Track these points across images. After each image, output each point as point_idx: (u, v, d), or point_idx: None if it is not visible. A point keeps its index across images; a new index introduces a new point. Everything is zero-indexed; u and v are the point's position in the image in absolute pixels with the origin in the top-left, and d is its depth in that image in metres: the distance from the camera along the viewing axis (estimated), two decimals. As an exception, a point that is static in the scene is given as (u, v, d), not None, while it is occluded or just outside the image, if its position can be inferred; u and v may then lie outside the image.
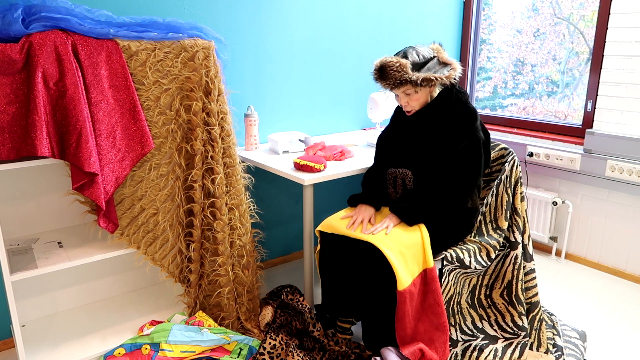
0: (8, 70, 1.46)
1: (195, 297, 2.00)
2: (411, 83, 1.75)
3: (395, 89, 1.80)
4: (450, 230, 1.89)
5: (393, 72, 1.74)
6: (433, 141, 1.83)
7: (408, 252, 1.71)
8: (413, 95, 1.80)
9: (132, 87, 1.68)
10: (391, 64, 1.74)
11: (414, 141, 1.89)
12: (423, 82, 1.75)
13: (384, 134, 2.05)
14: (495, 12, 3.31)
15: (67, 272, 2.06)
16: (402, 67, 1.73)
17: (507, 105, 3.36)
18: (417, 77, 1.74)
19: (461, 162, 1.78)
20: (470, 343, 1.90)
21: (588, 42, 2.88)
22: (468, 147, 1.78)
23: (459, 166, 1.78)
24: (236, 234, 1.99)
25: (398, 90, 1.81)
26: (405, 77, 1.73)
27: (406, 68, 1.73)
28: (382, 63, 1.77)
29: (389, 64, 1.74)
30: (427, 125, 1.86)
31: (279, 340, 1.89)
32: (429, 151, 1.83)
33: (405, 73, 1.73)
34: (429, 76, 1.75)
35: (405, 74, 1.73)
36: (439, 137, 1.82)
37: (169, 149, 1.83)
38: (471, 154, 1.79)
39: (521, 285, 1.94)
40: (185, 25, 1.79)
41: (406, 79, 1.74)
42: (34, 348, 1.83)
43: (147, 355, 1.72)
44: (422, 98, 1.82)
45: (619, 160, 2.52)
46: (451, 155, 1.78)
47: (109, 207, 1.71)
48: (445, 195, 1.78)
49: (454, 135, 1.79)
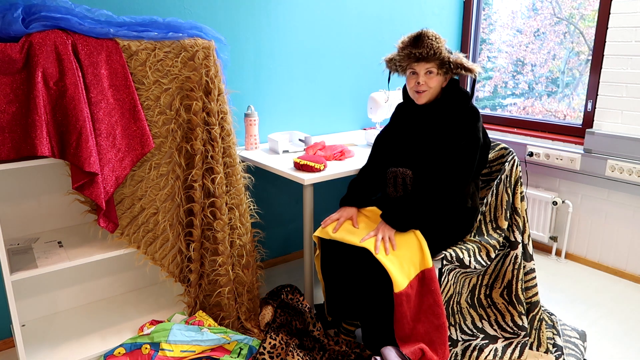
0: (8, 70, 1.46)
1: (195, 297, 2.00)
2: (441, 60, 1.76)
3: (422, 61, 1.77)
4: (449, 230, 1.89)
5: (430, 42, 1.74)
6: (435, 140, 1.83)
7: (403, 254, 1.71)
8: (433, 77, 1.79)
9: (132, 87, 1.68)
10: (430, 34, 1.76)
11: (415, 140, 1.89)
12: (452, 64, 1.76)
13: (382, 134, 2.05)
14: (496, 12, 3.31)
15: (67, 272, 2.06)
16: (439, 40, 1.76)
17: (507, 105, 3.36)
18: (449, 57, 1.77)
19: (456, 159, 1.76)
20: (470, 343, 1.90)
21: (588, 42, 2.88)
22: (466, 145, 1.78)
23: (453, 163, 1.76)
24: (236, 234, 1.99)
25: (424, 64, 1.78)
26: (441, 49, 1.76)
27: (443, 43, 1.77)
28: (421, 31, 1.77)
29: (427, 33, 1.76)
30: (429, 124, 1.86)
31: (279, 340, 1.89)
32: (430, 150, 1.83)
33: (442, 46, 1.76)
34: (459, 60, 1.77)
35: (442, 46, 1.76)
36: (441, 135, 1.82)
37: (169, 148, 1.83)
38: (467, 152, 1.78)
39: (521, 285, 1.94)
40: (185, 24, 1.79)
41: (440, 52, 1.75)
42: (34, 348, 1.83)
43: (147, 355, 1.72)
44: (436, 83, 1.81)
45: (619, 160, 2.52)
46: (449, 151, 1.78)
47: (109, 206, 1.72)
48: (435, 192, 1.76)
49: (455, 132, 1.79)
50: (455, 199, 1.86)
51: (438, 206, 1.77)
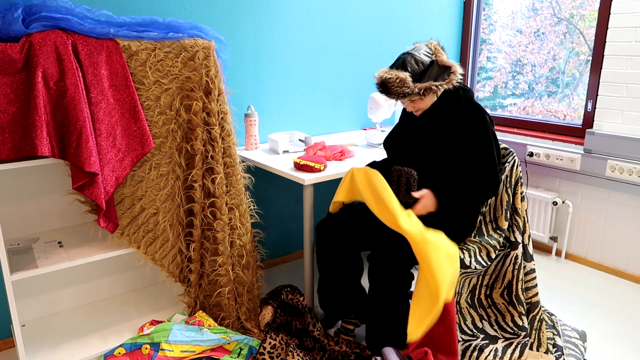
0: (8, 70, 1.46)
1: (196, 297, 2.00)
2: (414, 94, 1.76)
3: (400, 99, 1.81)
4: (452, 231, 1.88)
5: (394, 88, 1.75)
6: (442, 140, 1.83)
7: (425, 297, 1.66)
8: (418, 102, 1.82)
9: (132, 87, 1.68)
10: (391, 80, 1.74)
11: (421, 140, 1.88)
12: (425, 91, 1.76)
13: (390, 136, 2.05)
14: (496, 12, 3.31)
15: (67, 272, 2.06)
16: (403, 82, 1.73)
17: (507, 105, 3.36)
18: (420, 88, 1.75)
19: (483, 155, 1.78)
20: (471, 343, 1.90)
21: (588, 42, 2.88)
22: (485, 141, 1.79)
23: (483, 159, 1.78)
24: (236, 234, 1.99)
25: (403, 100, 1.82)
26: (406, 91, 1.74)
27: (407, 82, 1.73)
28: (382, 79, 1.76)
29: (389, 80, 1.74)
30: (435, 124, 1.86)
31: (279, 340, 1.89)
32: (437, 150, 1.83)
33: (407, 87, 1.73)
34: (429, 85, 1.76)
35: (407, 88, 1.74)
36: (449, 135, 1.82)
37: (169, 148, 1.83)
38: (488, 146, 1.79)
39: (521, 285, 1.94)
40: (185, 25, 1.79)
41: (408, 93, 1.75)
42: (34, 348, 1.83)
43: (147, 355, 1.72)
44: (428, 101, 1.83)
45: (619, 160, 2.52)
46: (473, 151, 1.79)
47: (109, 206, 1.72)
48: (478, 188, 1.77)
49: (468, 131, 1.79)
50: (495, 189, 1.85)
51: (481, 199, 1.79)
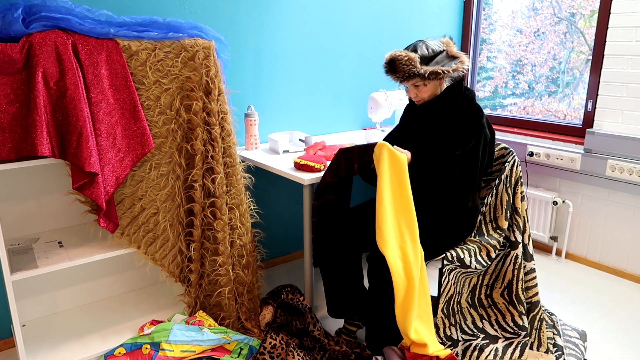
0: (8, 70, 1.46)
1: (196, 297, 2.00)
2: (419, 76, 1.78)
3: (404, 81, 1.84)
4: (451, 231, 1.88)
5: (402, 66, 1.78)
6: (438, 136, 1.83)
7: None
8: (422, 88, 1.84)
9: (132, 87, 1.68)
10: (400, 57, 1.78)
11: (421, 140, 1.89)
12: (431, 75, 1.78)
13: (390, 136, 2.06)
14: (496, 12, 3.31)
15: (67, 272, 2.06)
16: (411, 61, 1.77)
17: (508, 105, 3.36)
18: (425, 70, 1.77)
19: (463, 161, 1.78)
20: (471, 343, 1.90)
21: (588, 42, 2.88)
22: (475, 145, 1.79)
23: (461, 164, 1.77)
24: (236, 234, 1.99)
25: (407, 82, 1.85)
26: (413, 70, 1.77)
27: (414, 62, 1.77)
28: (391, 56, 1.80)
29: (398, 57, 1.78)
30: (433, 120, 1.87)
31: (279, 340, 1.89)
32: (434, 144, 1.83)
33: (414, 67, 1.77)
34: (436, 69, 1.78)
35: (414, 68, 1.77)
36: (444, 131, 1.82)
37: (169, 148, 1.83)
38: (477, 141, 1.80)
39: (521, 284, 1.94)
40: (185, 24, 1.79)
41: (414, 72, 1.78)
42: (34, 348, 1.83)
43: (148, 355, 1.72)
44: (430, 90, 1.85)
45: (619, 160, 2.52)
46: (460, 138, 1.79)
47: (109, 206, 1.71)
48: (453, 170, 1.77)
49: (460, 131, 1.80)
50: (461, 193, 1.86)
51: (445, 176, 1.78)
